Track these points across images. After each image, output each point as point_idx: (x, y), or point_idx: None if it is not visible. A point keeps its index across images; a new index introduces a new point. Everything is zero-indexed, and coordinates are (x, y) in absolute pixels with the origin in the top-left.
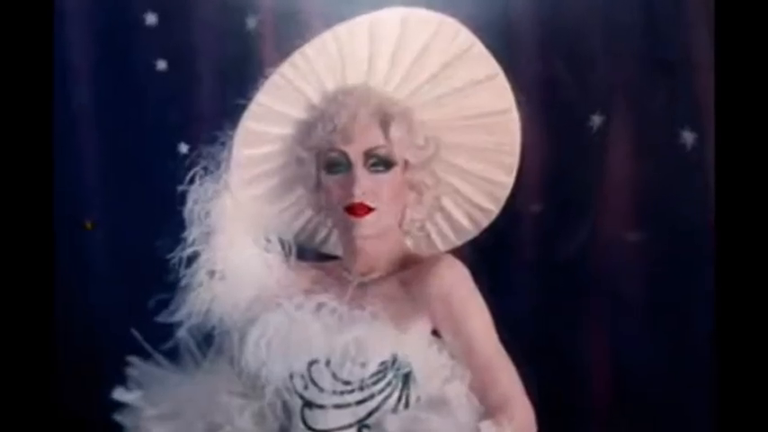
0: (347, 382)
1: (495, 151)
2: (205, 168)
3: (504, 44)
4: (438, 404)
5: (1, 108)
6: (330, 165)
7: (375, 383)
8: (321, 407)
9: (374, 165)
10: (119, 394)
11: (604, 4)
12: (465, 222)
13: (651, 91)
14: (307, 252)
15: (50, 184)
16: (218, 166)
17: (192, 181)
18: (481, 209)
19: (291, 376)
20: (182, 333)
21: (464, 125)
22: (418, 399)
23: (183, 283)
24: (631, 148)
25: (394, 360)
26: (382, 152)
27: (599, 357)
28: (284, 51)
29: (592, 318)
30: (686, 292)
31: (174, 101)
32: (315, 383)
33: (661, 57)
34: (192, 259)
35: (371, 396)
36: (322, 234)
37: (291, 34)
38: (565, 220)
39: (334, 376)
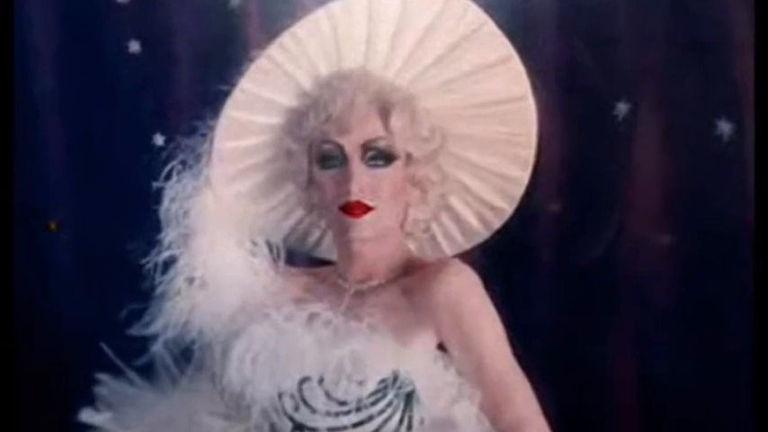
0: (343, 403)
1: (509, 143)
2: (183, 162)
3: (519, 23)
4: (444, 427)
5: None
6: (323, 158)
7: (374, 404)
8: (313, 430)
9: (373, 159)
10: (87, 416)
11: None
12: (475, 223)
13: (683, 76)
14: (297, 256)
15: (10, 179)
16: (197, 159)
17: (168, 176)
18: (493, 208)
19: (280, 396)
20: (157, 347)
21: (474, 114)
22: (422, 421)
23: (159, 291)
24: (661, 139)
25: (395, 378)
26: (382, 144)
27: (625, 373)
28: (272, 31)
29: (617, 329)
30: (722, 299)
31: (148, 87)
32: (306, 404)
33: (694, 37)
34: (168, 264)
35: (370, 418)
36: (314, 236)
37: (280, 12)
38: (587, 221)
39: (328, 396)
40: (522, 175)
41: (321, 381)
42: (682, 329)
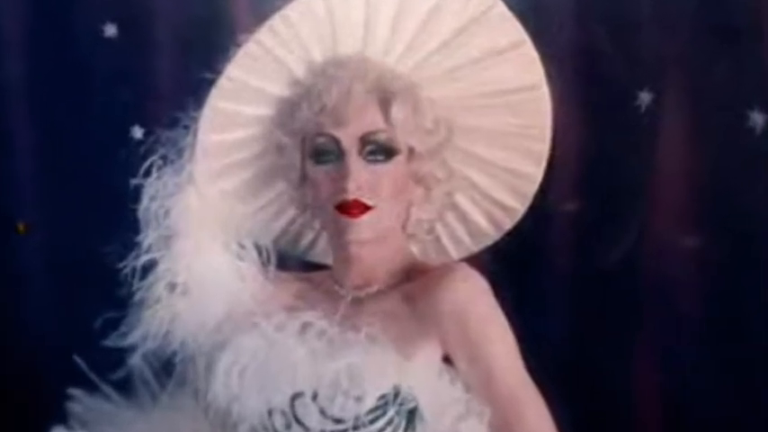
0: (339, 420)
1: (521, 136)
2: (164, 157)
3: (532, 4)
4: None
5: None
6: (318, 153)
7: (373, 422)
8: None
9: (372, 153)
10: None
11: None
12: (483, 224)
13: (712, 63)
14: (289, 260)
15: None
16: (179, 154)
17: (147, 173)
18: (503, 207)
19: (270, 413)
20: (135, 360)
21: (482, 104)
22: None
23: (137, 298)
24: (687, 132)
25: (396, 393)
26: (382, 138)
27: (648, 389)
28: (261, 14)
29: (639, 340)
30: (755, 307)
31: (125, 74)
32: (299, 422)
33: (724, 21)
34: (147, 269)
35: None
36: (308, 238)
37: None
38: (606, 221)
39: (323, 413)
40: (536, 171)
41: (315, 396)
42: (710, 340)
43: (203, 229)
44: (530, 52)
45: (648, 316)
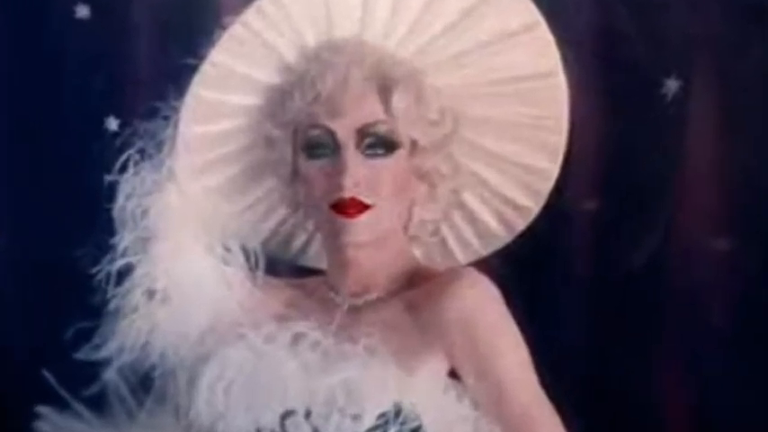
0: None
1: (535, 128)
2: (142, 151)
3: None
4: None
5: None
6: (311, 146)
7: None
8: None
9: (371, 147)
10: None
11: None
12: (493, 224)
13: (744, 47)
14: (280, 265)
15: None
16: (159, 148)
17: (124, 169)
18: (516, 206)
19: None
20: (110, 374)
21: (492, 93)
22: None
23: (112, 306)
24: (718, 123)
25: (398, 411)
26: (382, 129)
27: (675, 405)
28: None
29: (666, 352)
30: None
31: (99, 60)
32: None
33: (757, 0)
34: (123, 275)
35: None
36: (300, 240)
37: None
38: (629, 222)
39: None
40: (551, 167)
41: (308, 415)
42: (740, 351)
43: (185, 230)
44: (544, 35)
45: (673, 325)
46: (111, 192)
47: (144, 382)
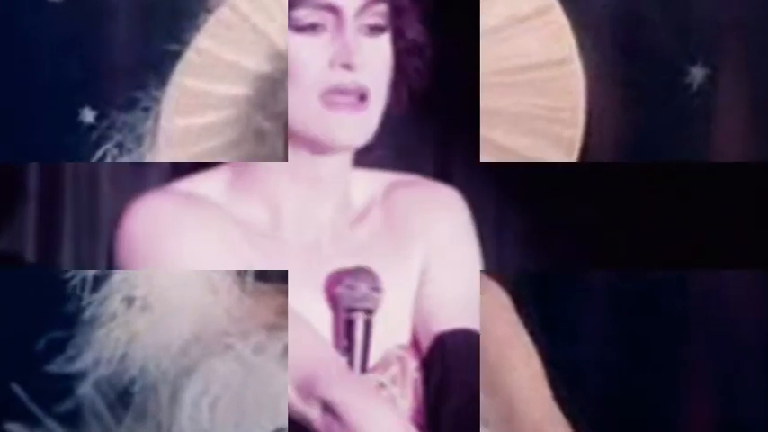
0: None
1: (549, 120)
2: (120, 145)
3: None
4: None
5: None
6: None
7: None
8: None
9: None
10: None
11: None
12: None
13: None
14: (271, 270)
15: None
16: (138, 141)
17: None
18: None
19: None
20: (85, 389)
21: (502, 82)
22: None
23: (88, 314)
24: (747, 114)
25: None
26: None
27: (702, 425)
28: None
29: (691, 367)
30: None
31: (74, 47)
32: None
33: None
34: (100, 280)
35: None
36: None
37: None
38: None
39: None
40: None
41: None
42: None
43: None
44: (558, 19)
45: (700, 338)
46: None
47: (122, 398)
